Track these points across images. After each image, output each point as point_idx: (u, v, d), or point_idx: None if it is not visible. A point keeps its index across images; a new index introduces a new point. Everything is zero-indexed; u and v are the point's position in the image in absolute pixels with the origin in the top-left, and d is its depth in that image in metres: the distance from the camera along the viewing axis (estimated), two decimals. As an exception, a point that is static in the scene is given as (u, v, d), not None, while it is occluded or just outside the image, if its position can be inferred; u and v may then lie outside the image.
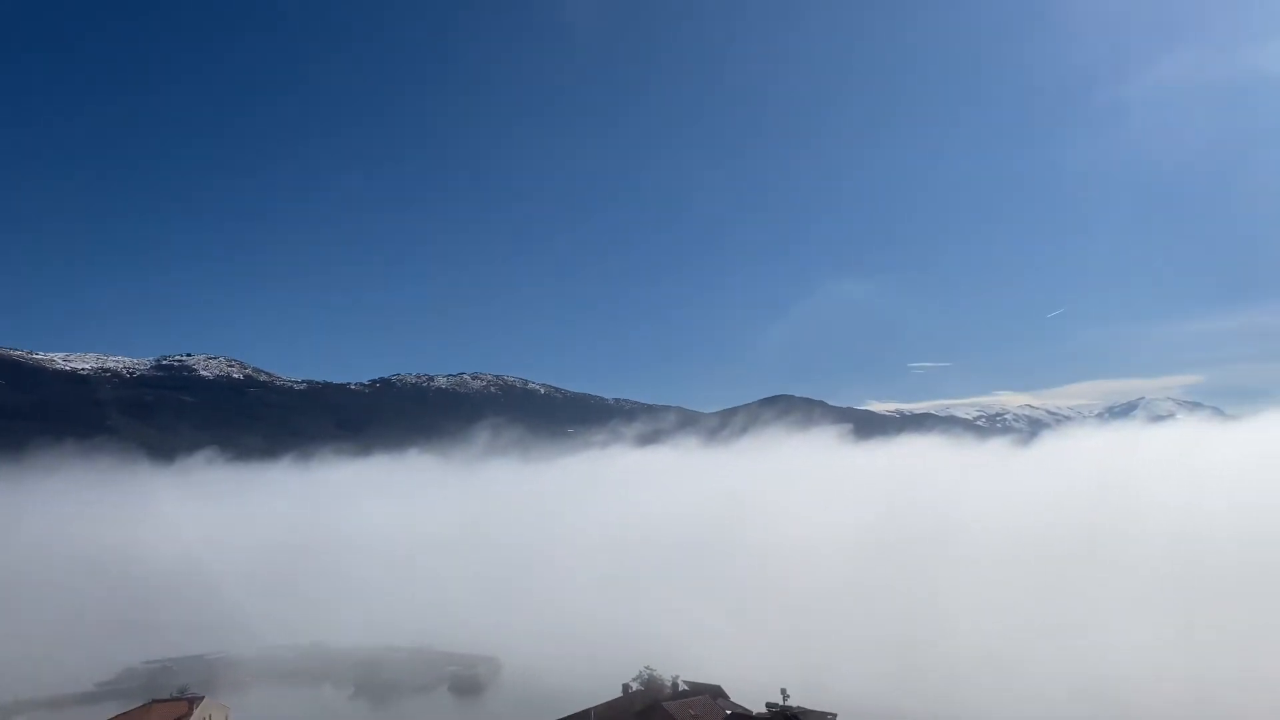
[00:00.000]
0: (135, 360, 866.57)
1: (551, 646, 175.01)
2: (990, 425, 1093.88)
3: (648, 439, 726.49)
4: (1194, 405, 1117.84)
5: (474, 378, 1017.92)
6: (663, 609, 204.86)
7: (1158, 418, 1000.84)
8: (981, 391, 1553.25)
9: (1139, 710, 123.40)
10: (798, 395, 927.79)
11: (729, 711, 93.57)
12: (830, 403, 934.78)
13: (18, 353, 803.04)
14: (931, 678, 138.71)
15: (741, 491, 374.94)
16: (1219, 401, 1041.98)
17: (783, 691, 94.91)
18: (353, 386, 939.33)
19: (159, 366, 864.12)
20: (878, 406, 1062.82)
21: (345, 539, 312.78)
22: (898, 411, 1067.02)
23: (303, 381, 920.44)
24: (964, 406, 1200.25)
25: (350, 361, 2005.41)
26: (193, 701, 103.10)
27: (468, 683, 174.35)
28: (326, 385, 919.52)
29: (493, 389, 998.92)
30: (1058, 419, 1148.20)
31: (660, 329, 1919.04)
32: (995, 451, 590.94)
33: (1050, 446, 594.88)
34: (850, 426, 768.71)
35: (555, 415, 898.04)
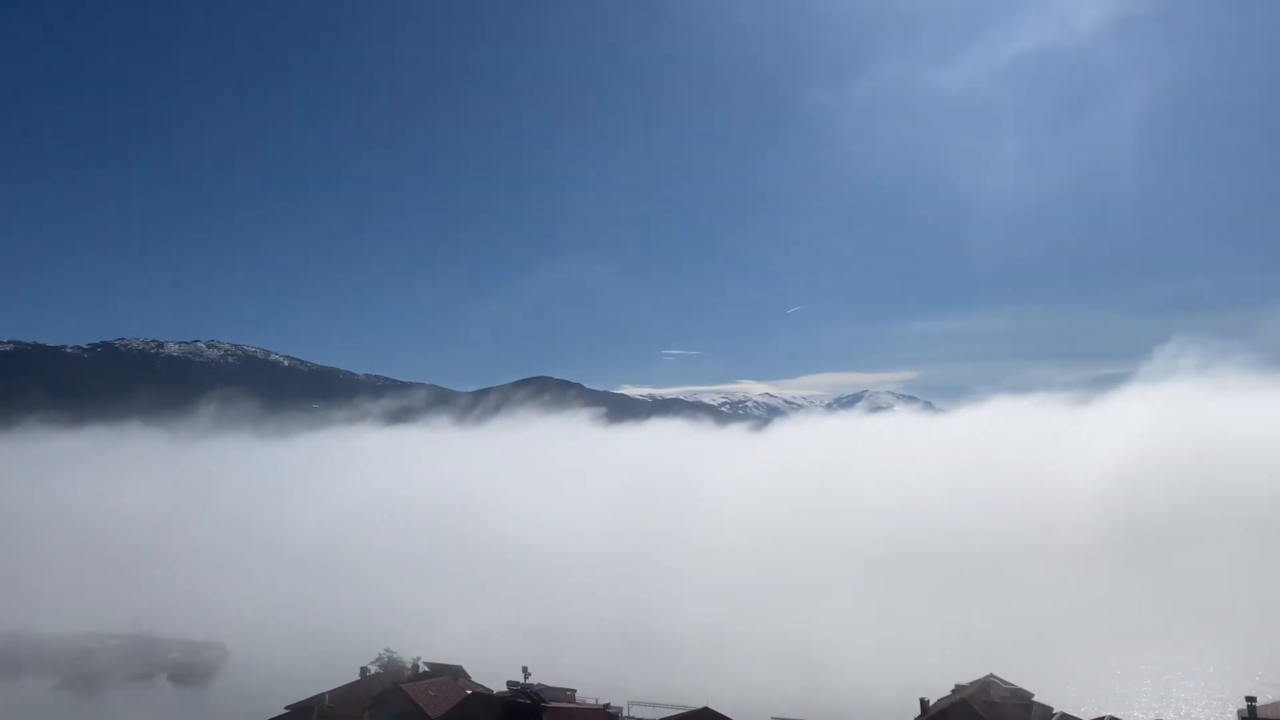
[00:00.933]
0: None
1: (284, 631, 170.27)
2: (733, 411, 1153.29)
3: (397, 417, 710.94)
4: (910, 399, 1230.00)
5: (210, 346, 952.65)
6: (405, 591, 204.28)
7: (877, 409, 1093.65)
8: (727, 379, 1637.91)
9: (828, 667, 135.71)
10: (555, 377, 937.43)
11: (469, 691, 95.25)
12: (587, 385, 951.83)
13: None
14: (656, 655, 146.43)
15: (490, 472, 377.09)
16: (931, 396, 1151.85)
17: (524, 670, 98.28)
18: (69, 350, 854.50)
19: None
20: (632, 391, 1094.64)
21: (45, 517, 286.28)
22: (650, 396, 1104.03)
23: (9, 342, 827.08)
24: (710, 393, 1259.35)
25: (68, 322, 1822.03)
26: None
27: (189, 671, 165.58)
28: (38, 348, 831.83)
29: (230, 359, 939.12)
30: (793, 407, 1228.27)
31: (417, 304, 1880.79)
32: (735, 436, 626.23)
33: (782, 433, 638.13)
34: (604, 410, 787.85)
35: (299, 389, 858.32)
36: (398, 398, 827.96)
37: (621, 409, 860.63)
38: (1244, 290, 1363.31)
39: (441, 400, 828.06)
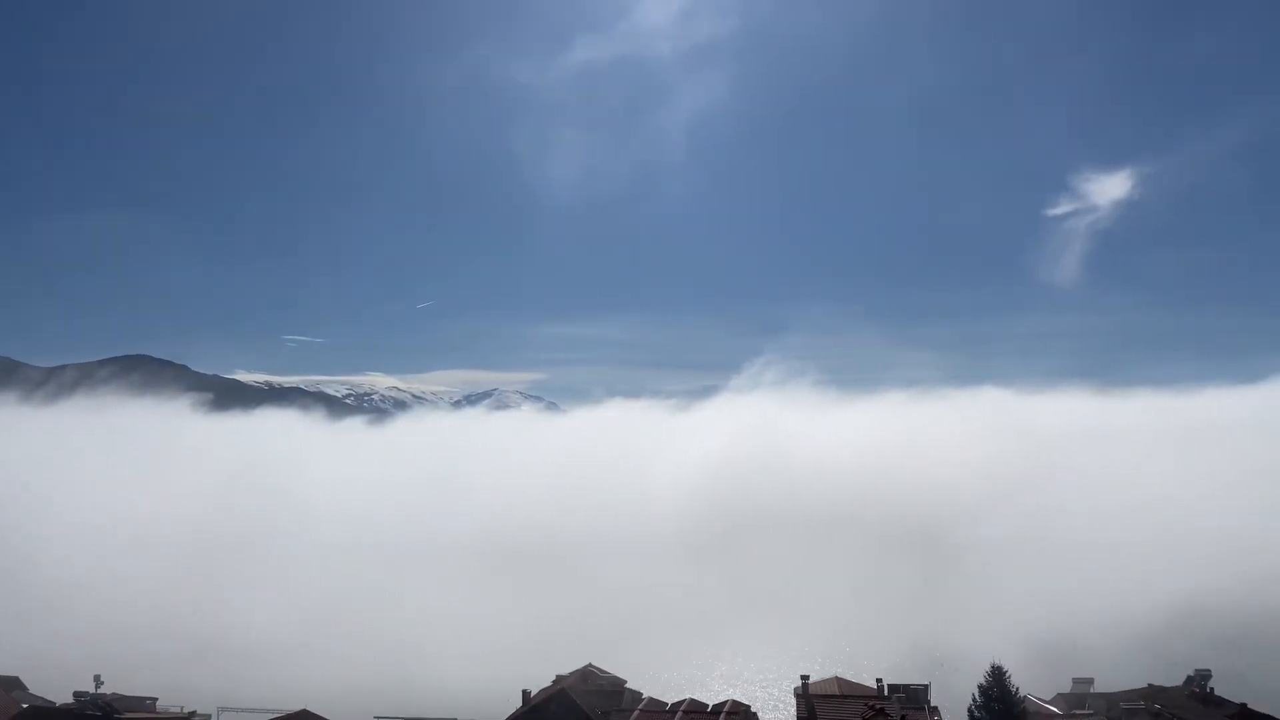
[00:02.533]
0: None
1: None
2: (357, 403, 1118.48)
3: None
4: (535, 399, 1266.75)
5: None
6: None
7: (503, 407, 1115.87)
8: (353, 370, 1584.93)
9: (432, 663, 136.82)
10: (156, 357, 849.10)
11: (25, 705, 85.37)
12: (195, 368, 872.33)
13: None
14: (245, 659, 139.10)
15: (58, 459, 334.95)
16: (556, 397, 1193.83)
17: (95, 678, 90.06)
18: None
19: None
20: (246, 376, 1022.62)
21: None
22: (267, 383, 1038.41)
23: None
24: (334, 383, 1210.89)
25: None
26: None
27: None
28: None
29: None
30: (420, 402, 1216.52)
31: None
32: (352, 429, 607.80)
33: (402, 427, 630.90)
34: (211, 395, 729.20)
35: None
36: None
37: (232, 395, 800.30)
38: (819, 317, 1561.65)
39: (7, 373, 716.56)
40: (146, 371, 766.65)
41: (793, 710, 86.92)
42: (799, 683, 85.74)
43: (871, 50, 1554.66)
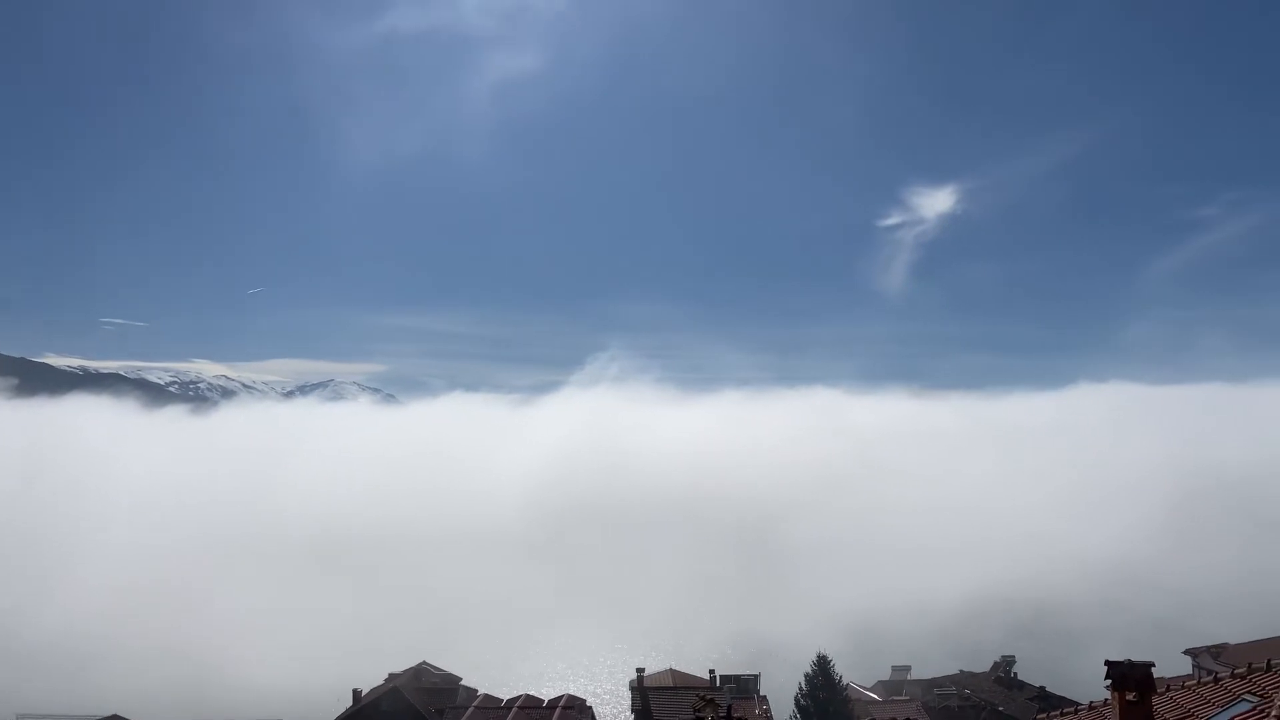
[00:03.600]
0: None
1: None
2: (184, 391, 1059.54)
3: None
4: (374, 390, 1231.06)
5: None
6: None
7: (339, 398, 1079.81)
8: (179, 357, 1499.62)
9: (251, 663, 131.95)
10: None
11: None
12: (2, 351, 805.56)
13: None
14: (41, 664, 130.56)
15: None
16: (395, 389, 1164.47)
17: None
18: None
19: None
20: (57, 360, 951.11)
21: None
22: (81, 368, 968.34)
23: None
24: (158, 370, 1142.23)
25: None
26: None
27: None
28: None
29: None
30: (251, 391, 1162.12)
31: None
32: (171, 418, 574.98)
33: (228, 417, 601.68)
34: (16, 380, 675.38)
35: None
36: None
37: (40, 380, 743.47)
38: (662, 316, 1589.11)
39: None
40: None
41: (629, 703, 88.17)
42: (634, 676, 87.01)
43: (719, 43, 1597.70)
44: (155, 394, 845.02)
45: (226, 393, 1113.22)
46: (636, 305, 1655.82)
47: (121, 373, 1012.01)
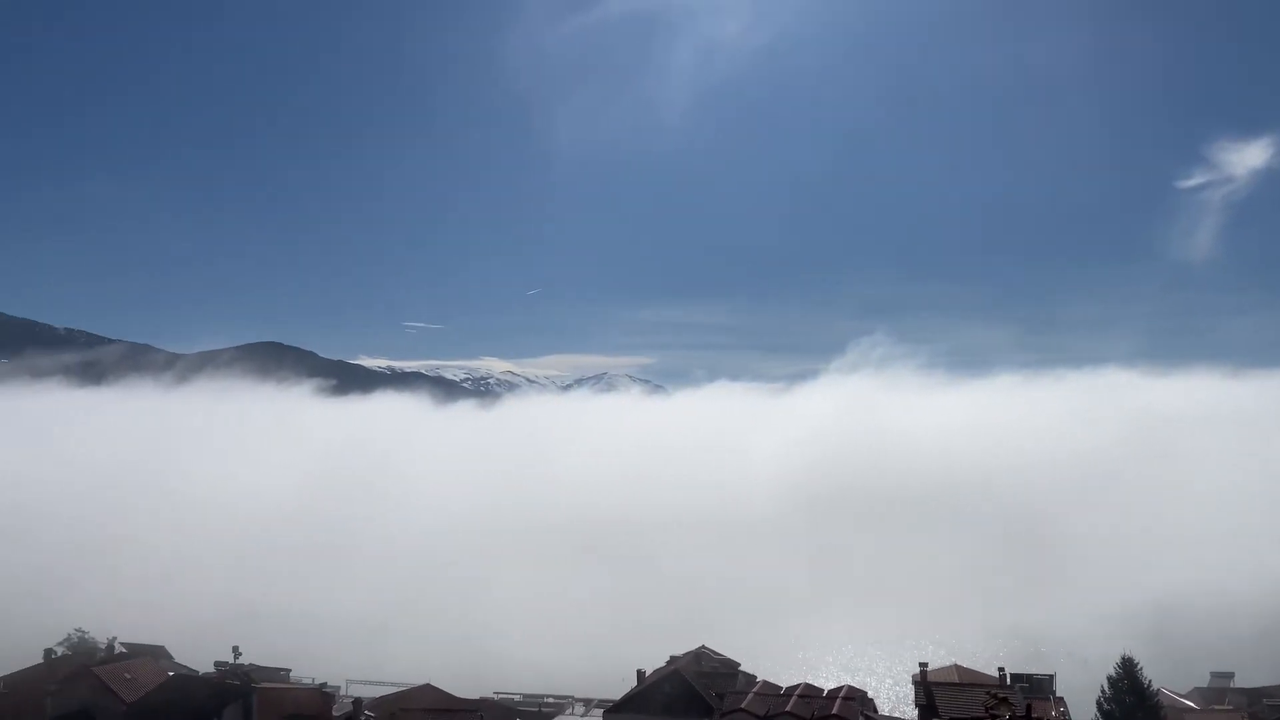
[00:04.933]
0: None
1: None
2: (475, 386, 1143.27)
3: (96, 377, 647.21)
4: (644, 381, 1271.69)
5: None
6: (94, 567, 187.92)
7: (612, 389, 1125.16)
8: (471, 355, 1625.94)
9: (544, 642, 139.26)
10: (287, 344, 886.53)
11: (171, 673, 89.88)
12: (321, 354, 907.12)
13: None
14: (359, 636, 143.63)
15: (188, 441, 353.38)
16: (664, 380, 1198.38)
17: (234, 650, 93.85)
18: None
19: None
20: (369, 362, 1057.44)
21: None
22: (389, 368, 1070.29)
23: None
24: (453, 368, 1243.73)
25: None
26: None
27: None
28: None
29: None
30: (534, 385, 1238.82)
31: (140, 259, 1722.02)
32: (461, 411, 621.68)
33: (511, 409, 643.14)
34: (334, 380, 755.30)
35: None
36: (100, 355, 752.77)
37: (354, 380, 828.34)
38: (932, 298, 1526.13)
39: (152, 361, 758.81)
40: (276, 357, 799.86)
41: (907, 697, 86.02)
42: (916, 670, 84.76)
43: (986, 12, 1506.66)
44: (450, 390, 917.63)
45: (512, 387, 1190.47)
46: (901, 288, 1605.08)
47: (422, 371, 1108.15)
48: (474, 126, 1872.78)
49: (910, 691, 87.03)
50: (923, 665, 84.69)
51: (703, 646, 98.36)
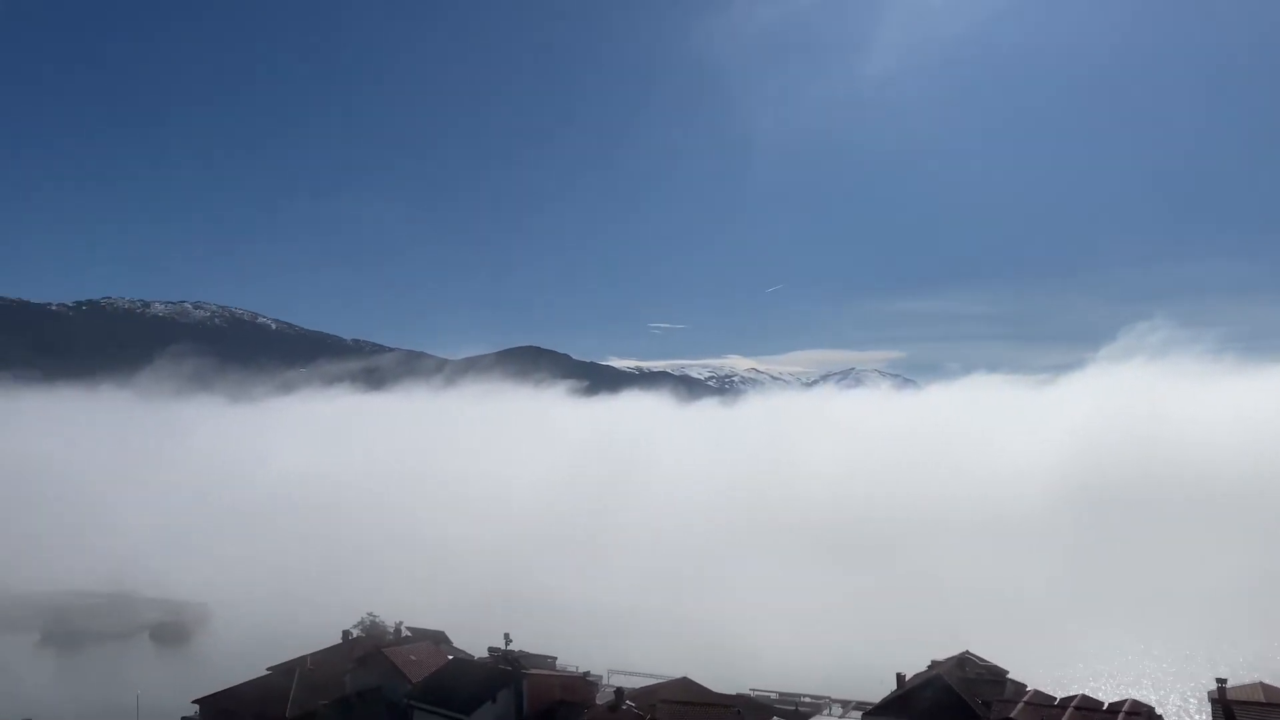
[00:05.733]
0: None
1: (266, 593, 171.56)
2: (720, 385, 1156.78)
3: (377, 382, 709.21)
4: (893, 376, 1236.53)
5: (196, 307, 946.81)
6: (382, 556, 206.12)
7: (859, 385, 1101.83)
8: (715, 354, 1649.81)
9: (794, 642, 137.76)
10: (543, 347, 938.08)
11: (451, 656, 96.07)
12: (574, 356, 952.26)
13: None
14: (613, 628, 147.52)
15: (454, 441, 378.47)
16: (916, 374, 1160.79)
17: (505, 636, 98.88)
18: (54, 307, 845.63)
19: None
20: (618, 362, 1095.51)
21: (14, 474, 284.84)
22: (638, 368, 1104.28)
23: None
24: (697, 366, 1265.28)
25: (53, 277, 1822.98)
26: None
27: (172, 630, 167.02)
28: (21, 303, 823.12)
29: (217, 320, 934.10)
30: (777, 382, 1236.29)
31: (412, 274, 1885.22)
32: (703, 409, 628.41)
33: (753, 407, 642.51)
34: (586, 382, 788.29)
35: (283, 351, 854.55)
36: (380, 362, 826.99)
37: (603, 380, 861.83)
38: (1210, 279, 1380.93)
39: (425, 366, 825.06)
40: (533, 360, 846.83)
41: (1201, 716, 78.31)
42: (1213, 686, 76.83)
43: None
44: (694, 388, 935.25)
45: (755, 384, 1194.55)
46: (1180, 268, 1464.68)
47: (668, 370, 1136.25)
48: (697, 127, 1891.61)
49: (1205, 710, 79.21)
50: (1221, 682, 76.54)
51: (966, 652, 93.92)
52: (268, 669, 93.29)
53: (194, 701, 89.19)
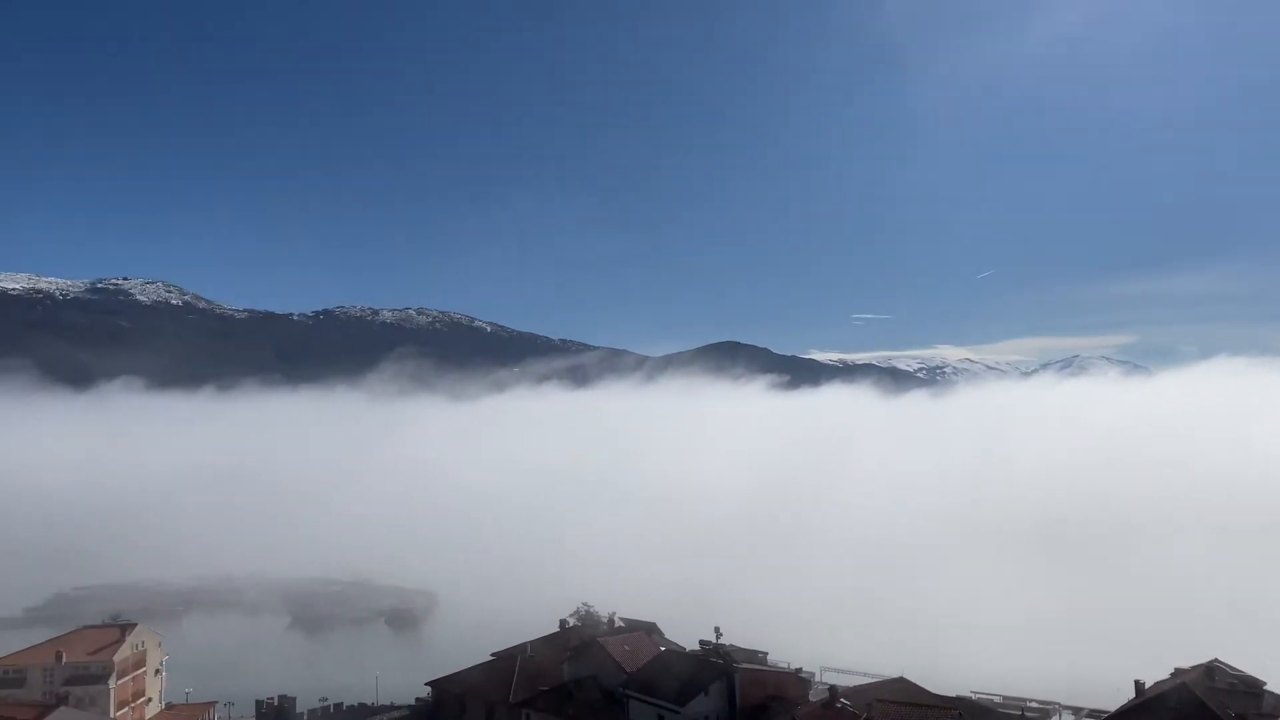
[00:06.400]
0: (70, 281, 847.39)
1: (486, 582, 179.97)
2: (929, 376, 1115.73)
3: (581, 379, 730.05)
4: (1122, 362, 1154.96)
5: (419, 312, 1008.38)
6: (593, 547, 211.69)
7: (1083, 373, 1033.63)
8: (924, 344, 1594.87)
9: (1012, 643, 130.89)
10: (744, 342, 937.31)
11: (663, 648, 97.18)
12: (775, 350, 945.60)
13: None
14: (819, 623, 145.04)
15: (655, 434, 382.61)
16: (1146, 359, 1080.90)
17: (716, 630, 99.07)
18: (295, 317, 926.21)
19: (94, 289, 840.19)
20: (821, 356, 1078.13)
21: (263, 471, 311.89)
22: (840, 361, 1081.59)
23: (244, 310, 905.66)
24: (905, 358, 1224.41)
25: (295, 290, 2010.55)
26: (125, 628, 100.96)
27: (404, 616, 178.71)
28: (269, 315, 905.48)
29: (438, 325, 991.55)
30: (993, 371, 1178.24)
31: (614, 273, 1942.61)
32: (911, 402, 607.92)
33: (965, 399, 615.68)
34: (787, 376, 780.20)
35: (496, 352, 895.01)
36: (584, 360, 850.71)
37: (804, 374, 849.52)
38: None
39: (628, 363, 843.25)
40: (731, 355, 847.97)
41: None
42: None
43: None
44: (901, 380, 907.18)
45: (969, 375, 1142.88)
46: None
47: (874, 362, 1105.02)
48: (893, 106, 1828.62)
49: None
50: None
51: (1215, 660, 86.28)
52: (491, 655, 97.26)
53: (426, 684, 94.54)
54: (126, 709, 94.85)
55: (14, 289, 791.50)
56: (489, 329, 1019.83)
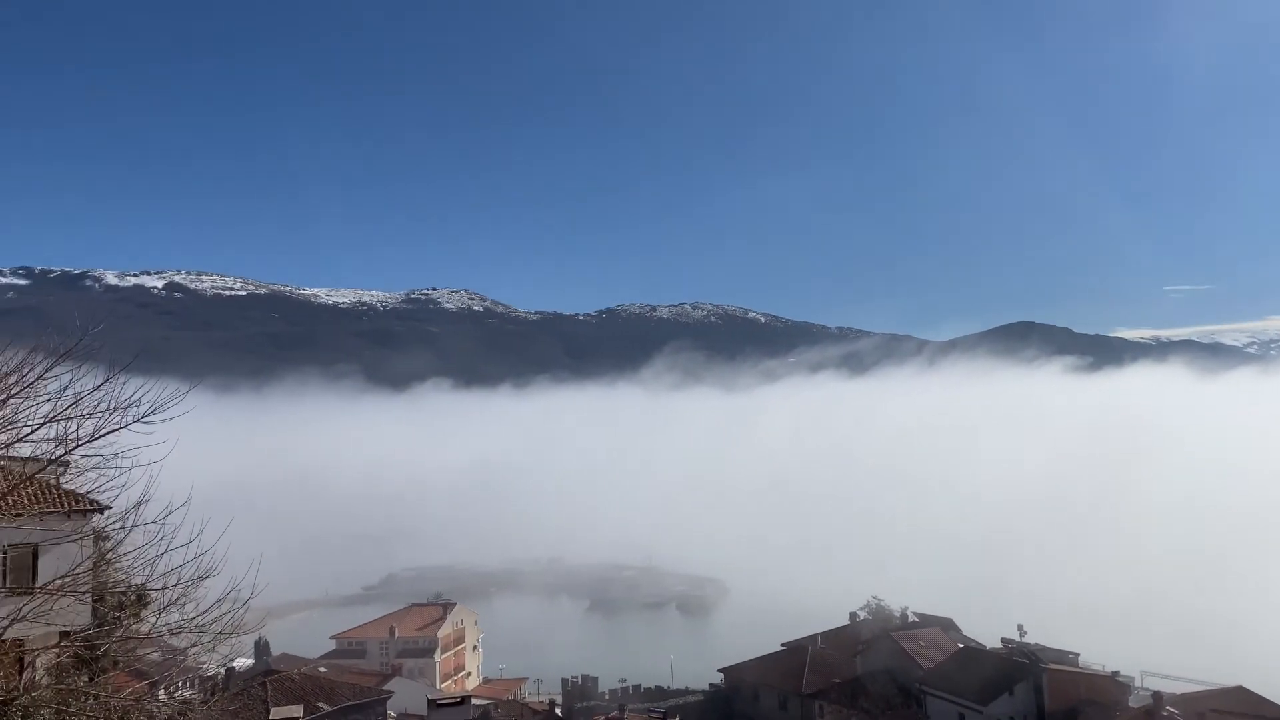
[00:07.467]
0: (388, 294, 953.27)
1: (772, 571, 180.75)
2: (1262, 351, 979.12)
3: (857, 367, 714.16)
4: None
5: (694, 307, 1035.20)
6: (875, 542, 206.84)
7: None
8: (1254, 316, 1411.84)
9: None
10: (1039, 322, 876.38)
11: (960, 645, 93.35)
12: (1076, 330, 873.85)
13: (289, 288, 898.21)
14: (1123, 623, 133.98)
15: (940, 423, 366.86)
16: None
17: (1019, 628, 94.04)
18: (580, 316, 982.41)
19: (408, 299, 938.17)
20: (1128, 333, 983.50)
21: (555, 463, 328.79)
22: (1153, 338, 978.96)
23: (535, 312, 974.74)
24: (1231, 332, 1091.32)
25: (579, 292, 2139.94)
26: (446, 607, 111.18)
27: (695, 603, 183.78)
28: (556, 315, 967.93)
29: (713, 318, 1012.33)
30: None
31: (896, 254, 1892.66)
32: (1232, 381, 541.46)
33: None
34: (1089, 358, 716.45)
35: (768, 342, 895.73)
36: (859, 347, 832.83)
37: (1109, 354, 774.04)
38: None
39: (902, 350, 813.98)
40: (1023, 336, 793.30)
41: None
42: None
43: None
44: (1223, 356, 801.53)
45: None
46: None
47: (1193, 338, 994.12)
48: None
49: None
50: None
51: None
52: (781, 644, 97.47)
53: (719, 670, 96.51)
54: (449, 681, 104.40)
55: (344, 303, 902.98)
56: (763, 320, 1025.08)
